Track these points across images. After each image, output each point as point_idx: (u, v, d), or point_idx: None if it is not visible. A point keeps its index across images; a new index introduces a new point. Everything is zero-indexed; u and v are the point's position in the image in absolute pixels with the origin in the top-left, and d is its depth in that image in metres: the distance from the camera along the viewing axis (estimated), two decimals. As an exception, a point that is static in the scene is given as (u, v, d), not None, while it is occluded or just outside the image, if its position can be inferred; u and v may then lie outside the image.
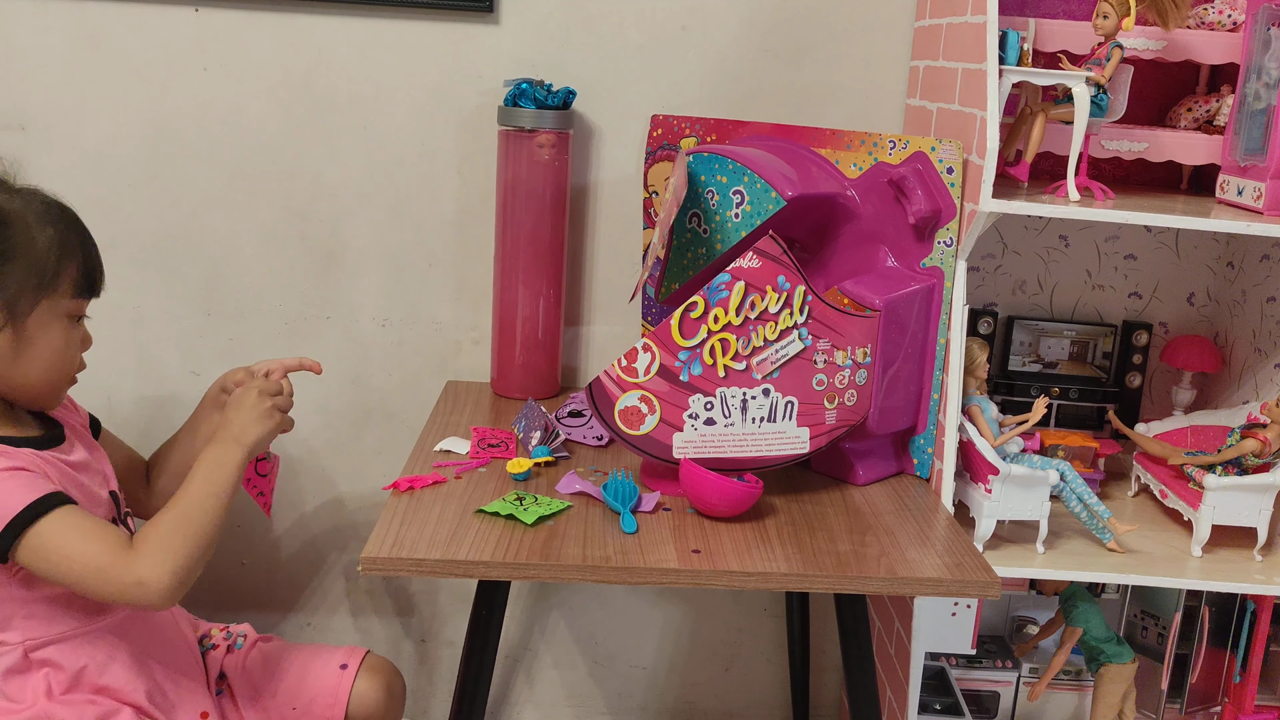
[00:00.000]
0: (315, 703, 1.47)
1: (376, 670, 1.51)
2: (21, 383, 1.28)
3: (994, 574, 1.27)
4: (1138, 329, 1.84)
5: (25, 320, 1.25)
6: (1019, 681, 1.78)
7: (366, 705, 1.48)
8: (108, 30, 1.72)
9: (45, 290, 1.25)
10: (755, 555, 1.27)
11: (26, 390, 1.29)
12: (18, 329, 1.25)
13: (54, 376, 1.30)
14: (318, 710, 1.46)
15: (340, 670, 1.49)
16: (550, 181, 1.71)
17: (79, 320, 1.32)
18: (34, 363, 1.27)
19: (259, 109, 1.76)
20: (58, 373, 1.30)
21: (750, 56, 1.77)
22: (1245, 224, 1.45)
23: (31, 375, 1.28)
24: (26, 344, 1.26)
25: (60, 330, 1.28)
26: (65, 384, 1.34)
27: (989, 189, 1.42)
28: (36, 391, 1.30)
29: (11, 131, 1.74)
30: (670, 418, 1.38)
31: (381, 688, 1.50)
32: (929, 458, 1.56)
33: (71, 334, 1.30)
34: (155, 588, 1.19)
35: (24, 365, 1.27)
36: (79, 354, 1.33)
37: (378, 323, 1.86)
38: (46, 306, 1.26)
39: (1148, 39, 1.63)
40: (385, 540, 1.24)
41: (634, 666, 2.05)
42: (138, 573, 1.19)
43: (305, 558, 1.94)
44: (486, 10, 1.73)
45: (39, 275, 1.25)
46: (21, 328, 1.25)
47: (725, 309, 1.36)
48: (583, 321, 1.88)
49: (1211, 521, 1.54)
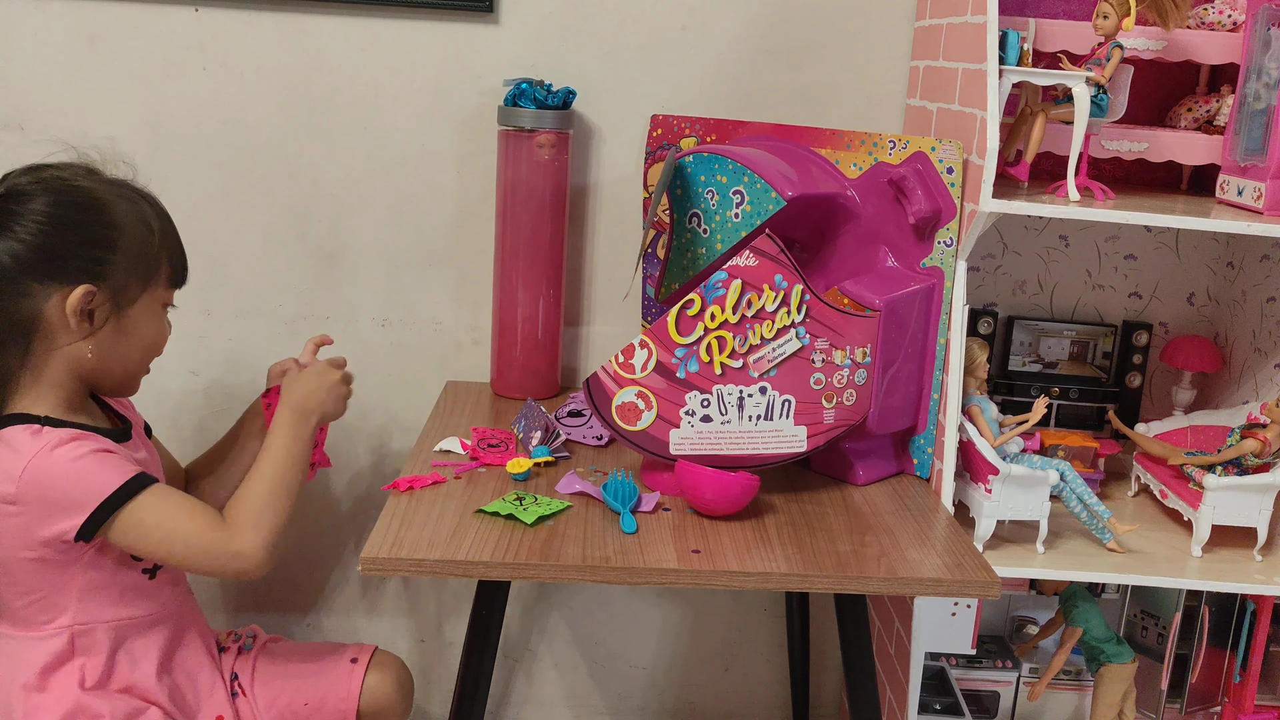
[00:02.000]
0: (328, 698, 1.48)
1: (386, 665, 1.53)
2: (116, 369, 1.31)
3: (994, 574, 1.27)
4: (1138, 329, 1.84)
5: (129, 309, 1.28)
6: (1019, 681, 1.78)
7: (377, 699, 1.49)
8: (107, 30, 1.72)
9: (149, 281, 1.29)
10: (755, 555, 1.27)
11: (115, 377, 1.32)
12: (120, 317, 1.28)
13: (144, 364, 1.35)
14: (330, 705, 1.47)
15: (351, 664, 1.50)
16: (550, 181, 1.71)
17: (166, 310, 1.36)
18: (130, 351, 1.31)
19: (259, 109, 1.76)
20: (148, 359, 1.35)
21: (750, 56, 1.77)
22: (1245, 224, 1.45)
23: (127, 363, 1.32)
24: (126, 332, 1.29)
25: (156, 320, 1.33)
26: (146, 371, 1.37)
27: (989, 189, 1.42)
28: (125, 378, 1.34)
29: (11, 131, 1.74)
30: (667, 414, 1.38)
31: (392, 681, 1.51)
32: (929, 458, 1.56)
33: (164, 323, 1.35)
34: (253, 558, 1.27)
35: (121, 353, 1.30)
36: (166, 340, 1.37)
37: (377, 323, 1.86)
38: (149, 296, 1.30)
39: (1148, 39, 1.63)
40: (385, 540, 1.24)
41: (634, 666, 2.05)
42: (236, 545, 1.26)
43: (305, 558, 1.94)
44: (486, 10, 1.73)
45: (144, 265, 1.28)
46: (124, 316, 1.28)
47: (722, 306, 1.36)
48: (582, 321, 1.88)
49: (1211, 521, 1.54)
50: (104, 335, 1.27)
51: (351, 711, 1.48)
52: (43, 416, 1.25)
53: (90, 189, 1.27)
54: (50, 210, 1.24)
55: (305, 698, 1.48)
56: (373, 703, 1.49)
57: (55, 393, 1.28)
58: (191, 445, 1.87)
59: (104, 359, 1.28)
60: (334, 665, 1.50)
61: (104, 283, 1.25)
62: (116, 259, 1.26)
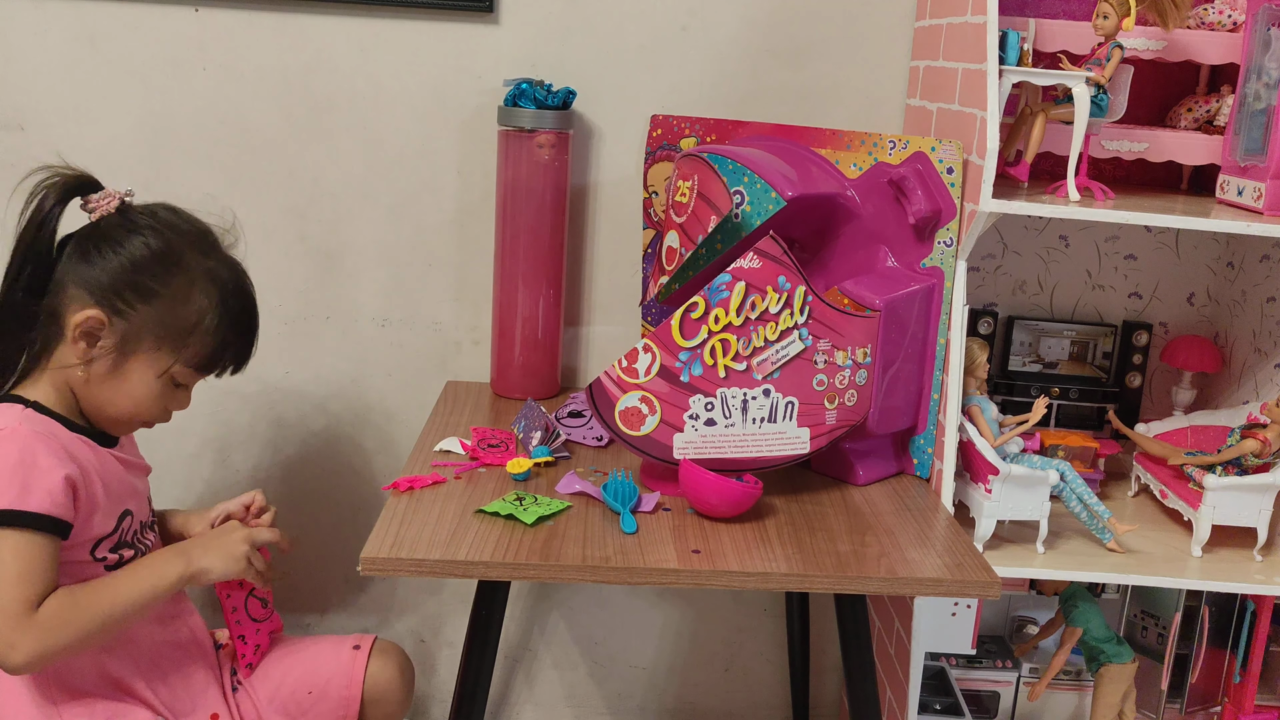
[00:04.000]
0: (331, 684, 1.48)
1: (388, 652, 1.53)
2: (100, 406, 1.31)
3: (994, 574, 1.27)
4: (1138, 329, 1.84)
5: (130, 358, 1.29)
6: (1019, 681, 1.78)
7: (379, 685, 1.50)
8: (107, 30, 1.72)
9: (165, 346, 1.29)
10: (755, 555, 1.27)
11: (100, 415, 1.32)
12: (119, 361, 1.29)
13: (130, 419, 1.34)
14: (334, 692, 1.48)
15: (354, 651, 1.51)
16: (550, 181, 1.71)
17: (182, 386, 1.35)
18: (117, 398, 1.31)
19: (259, 109, 1.76)
20: (136, 417, 1.34)
21: (750, 56, 1.77)
22: (1245, 224, 1.45)
23: (110, 409, 1.32)
24: (120, 378, 1.30)
25: (157, 386, 1.31)
26: (138, 426, 1.37)
27: (989, 189, 1.42)
28: (107, 420, 1.33)
29: (11, 131, 1.74)
30: (671, 418, 1.38)
31: (394, 668, 1.52)
32: (929, 458, 1.56)
33: (167, 394, 1.33)
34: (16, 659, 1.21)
35: (109, 395, 1.30)
36: (167, 413, 1.36)
37: (377, 323, 1.86)
38: (156, 359, 1.29)
39: (1148, 39, 1.63)
40: (385, 540, 1.24)
41: (634, 667, 2.05)
42: (14, 638, 1.20)
43: (305, 558, 1.93)
44: (486, 10, 1.73)
45: (169, 330, 1.29)
46: (123, 362, 1.29)
47: (726, 309, 1.36)
48: (583, 322, 1.88)
49: (1211, 521, 1.54)
50: (98, 368, 1.28)
51: (356, 699, 1.48)
52: (33, 401, 1.28)
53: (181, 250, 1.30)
54: (134, 243, 1.28)
55: (309, 686, 1.48)
56: (375, 690, 1.49)
57: (56, 392, 1.30)
58: (190, 446, 1.87)
59: (92, 390, 1.30)
60: (336, 653, 1.51)
61: (120, 320, 1.27)
62: (146, 310, 1.27)
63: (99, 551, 1.30)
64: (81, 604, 1.24)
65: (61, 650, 1.23)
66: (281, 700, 1.47)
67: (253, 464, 1.89)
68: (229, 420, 1.88)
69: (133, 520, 1.35)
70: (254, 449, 1.89)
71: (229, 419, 1.88)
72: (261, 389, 1.86)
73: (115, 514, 1.32)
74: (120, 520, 1.33)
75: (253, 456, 1.89)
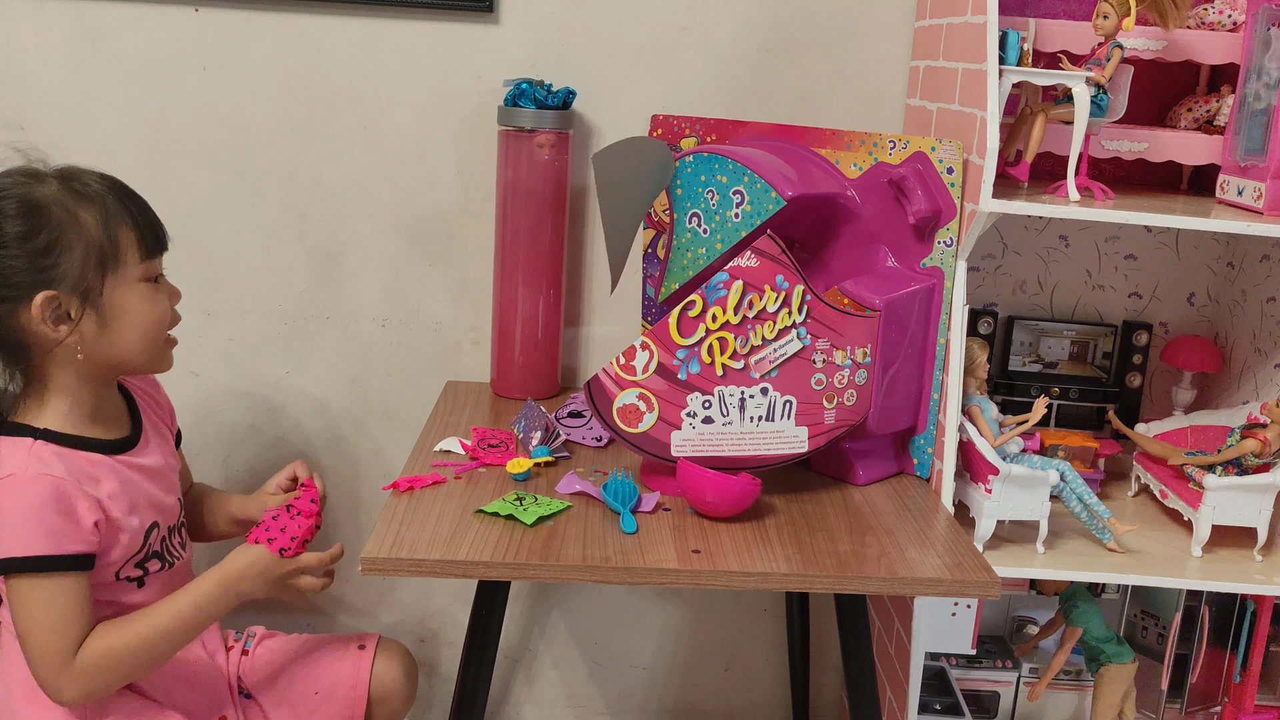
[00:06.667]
0: (337, 684, 1.48)
1: (392, 651, 1.53)
2: (123, 356, 1.29)
3: (994, 574, 1.27)
4: (1138, 329, 1.84)
5: (100, 300, 1.25)
6: (1019, 681, 1.78)
7: (385, 685, 1.50)
8: (107, 30, 1.72)
9: (110, 267, 1.25)
10: (755, 555, 1.27)
11: (130, 363, 1.30)
12: (98, 310, 1.25)
13: (151, 341, 1.30)
14: (340, 692, 1.48)
15: (359, 651, 1.51)
16: (550, 181, 1.71)
17: (157, 280, 1.31)
18: (125, 337, 1.28)
19: (259, 109, 1.76)
20: (154, 336, 1.30)
21: (750, 56, 1.77)
22: (1245, 224, 1.45)
23: (128, 349, 1.28)
24: (113, 321, 1.26)
25: (141, 296, 1.28)
26: (165, 345, 1.33)
27: (989, 189, 1.42)
28: (140, 361, 1.31)
29: (11, 131, 1.74)
30: (668, 416, 1.38)
31: (398, 667, 1.52)
32: (929, 458, 1.56)
33: (155, 295, 1.30)
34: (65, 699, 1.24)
35: (118, 340, 1.27)
36: (169, 310, 1.32)
37: (377, 323, 1.86)
38: (117, 280, 1.26)
39: (1148, 39, 1.63)
40: (385, 540, 1.24)
41: (634, 667, 2.05)
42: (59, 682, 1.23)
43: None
44: (486, 10, 1.73)
45: (99, 254, 1.25)
46: (101, 308, 1.25)
47: (723, 308, 1.36)
48: (583, 322, 1.88)
49: (1211, 521, 1.54)
50: (89, 332, 1.25)
51: (362, 699, 1.48)
52: (41, 429, 1.25)
53: (22, 195, 1.24)
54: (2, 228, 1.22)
55: (315, 687, 1.48)
56: (381, 689, 1.50)
57: (64, 401, 1.28)
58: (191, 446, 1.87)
59: (99, 352, 1.27)
60: (341, 653, 1.51)
61: (61, 284, 1.23)
62: (66, 259, 1.23)
63: (124, 571, 1.31)
64: (119, 648, 1.25)
65: (105, 689, 1.26)
66: (290, 702, 1.47)
67: (253, 464, 1.89)
68: (229, 420, 1.88)
69: (159, 530, 1.35)
70: (254, 449, 1.89)
71: (229, 419, 1.88)
72: (262, 389, 1.86)
73: (142, 530, 1.32)
74: (148, 535, 1.33)
75: (253, 456, 1.89)
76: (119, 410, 1.36)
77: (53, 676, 1.22)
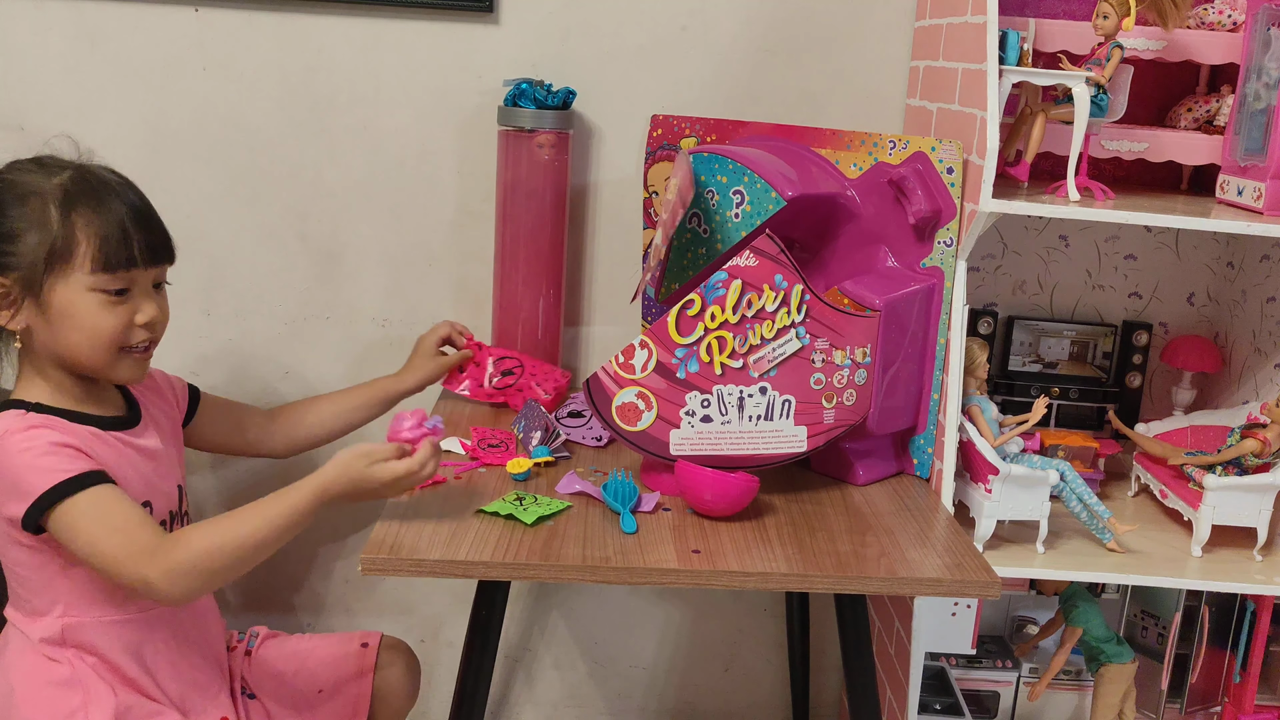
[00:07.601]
0: (341, 683, 1.48)
1: (396, 649, 1.54)
2: (70, 356, 1.29)
3: (994, 574, 1.27)
4: (1138, 329, 1.84)
5: (41, 294, 1.25)
6: (1019, 681, 1.77)
7: (388, 682, 1.50)
8: (107, 30, 1.72)
9: (57, 265, 1.25)
10: (755, 555, 1.27)
11: (79, 364, 1.30)
12: (38, 303, 1.26)
13: (95, 349, 1.29)
14: (344, 690, 1.48)
15: (362, 649, 1.51)
16: (550, 181, 1.71)
17: (118, 294, 1.28)
18: (71, 338, 1.27)
19: (259, 109, 1.76)
20: (99, 345, 1.28)
21: (750, 56, 1.77)
22: (1245, 224, 1.45)
23: (77, 350, 1.28)
24: (56, 319, 1.26)
25: (89, 305, 1.27)
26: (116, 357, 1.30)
27: (989, 189, 1.42)
28: (88, 365, 1.30)
29: (11, 131, 1.74)
30: (667, 414, 1.38)
31: (402, 665, 1.52)
32: (929, 458, 1.56)
33: (107, 308, 1.27)
34: (163, 592, 1.22)
35: (62, 339, 1.28)
36: (122, 327, 1.29)
37: (378, 323, 1.85)
38: (62, 280, 1.26)
39: (1148, 39, 1.63)
40: (385, 540, 1.24)
41: (634, 666, 2.05)
42: (148, 575, 1.21)
43: (305, 558, 1.94)
44: (486, 10, 1.73)
45: (49, 249, 1.25)
46: (42, 302, 1.26)
47: (722, 307, 1.36)
48: (583, 322, 1.88)
49: (1211, 521, 1.54)
50: (37, 324, 1.27)
51: (366, 696, 1.48)
52: (33, 403, 1.27)
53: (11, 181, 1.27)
54: None
55: (318, 685, 1.48)
56: (384, 687, 1.50)
57: (50, 382, 1.30)
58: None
59: (46, 345, 1.28)
60: (345, 650, 1.51)
61: (11, 273, 1.25)
62: (21, 247, 1.25)
63: None
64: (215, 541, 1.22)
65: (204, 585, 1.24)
66: (294, 700, 1.47)
67: (253, 464, 1.89)
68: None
69: (152, 511, 1.33)
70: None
71: (229, 419, 1.88)
72: (262, 389, 1.86)
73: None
74: None
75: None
76: (113, 395, 1.37)
77: (138, 572, 1.20)
